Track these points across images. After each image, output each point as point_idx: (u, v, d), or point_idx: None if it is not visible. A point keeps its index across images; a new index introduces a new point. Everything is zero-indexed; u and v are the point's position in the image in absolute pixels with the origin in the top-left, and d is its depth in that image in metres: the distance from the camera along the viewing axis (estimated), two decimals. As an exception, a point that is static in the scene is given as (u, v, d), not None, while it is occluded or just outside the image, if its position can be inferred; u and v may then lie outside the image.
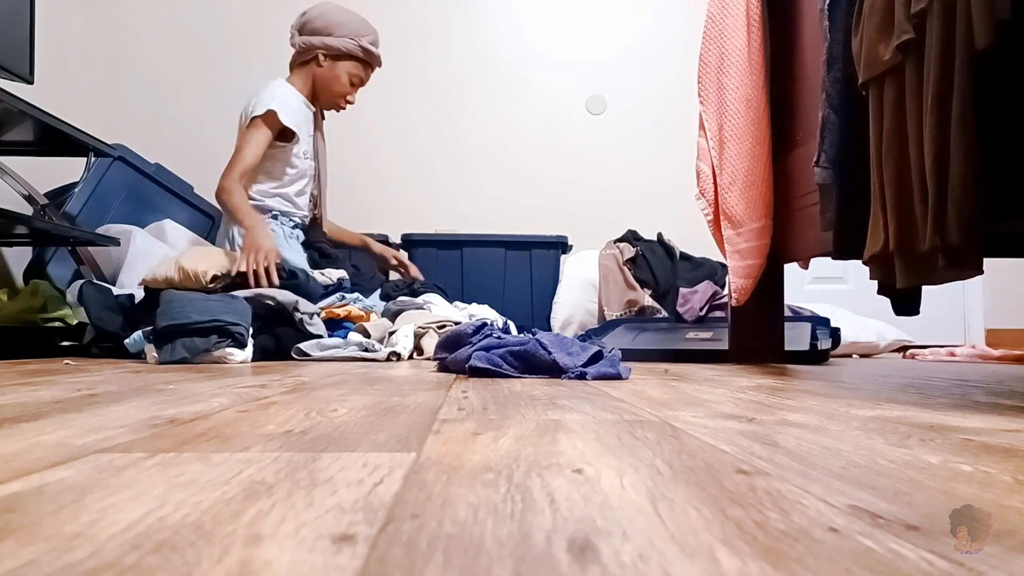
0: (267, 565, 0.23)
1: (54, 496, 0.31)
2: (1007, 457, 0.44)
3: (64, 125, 1.74)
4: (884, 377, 1.24)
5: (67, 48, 2.77)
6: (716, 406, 0.70)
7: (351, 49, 2.06)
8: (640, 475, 0.37)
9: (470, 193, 2.97)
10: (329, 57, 2.06)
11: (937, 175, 0.76)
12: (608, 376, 1.06)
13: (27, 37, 1.76)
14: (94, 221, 2.10)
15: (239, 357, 1.45)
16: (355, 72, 2.10)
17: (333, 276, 1.91)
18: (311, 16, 2.06)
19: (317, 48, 2.05)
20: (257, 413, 0.61)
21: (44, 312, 1.85)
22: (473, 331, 1.25)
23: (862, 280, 3.00)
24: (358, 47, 2.06)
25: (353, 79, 2.10)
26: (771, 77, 1.57)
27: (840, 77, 1.05)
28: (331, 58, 2.07)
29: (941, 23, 0.76)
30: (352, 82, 2.10)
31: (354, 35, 2.06)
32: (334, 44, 2.05)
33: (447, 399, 0.74)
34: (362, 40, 2.07)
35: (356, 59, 2.08)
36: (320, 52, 2.05)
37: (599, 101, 3.04)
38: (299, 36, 2.07)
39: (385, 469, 0.38)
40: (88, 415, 0.59)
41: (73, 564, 0.23)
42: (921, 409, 0.71)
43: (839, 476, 0.37)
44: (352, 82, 2.10)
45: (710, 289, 2.17)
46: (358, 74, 2.11)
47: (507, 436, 0.49)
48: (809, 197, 1.37)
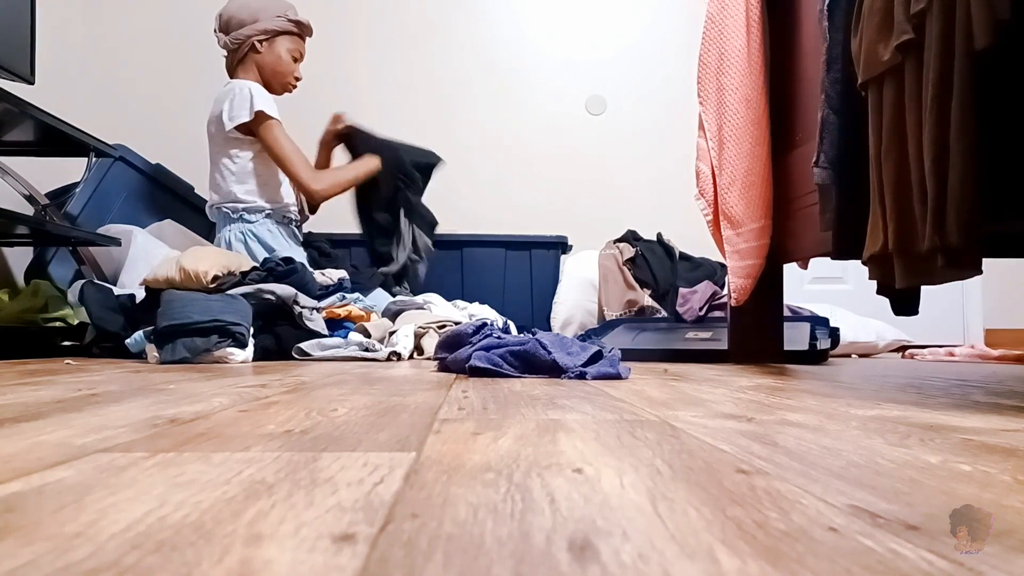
0: (267, 565, 0.23)
1: (54, 496, 0.31)
2: (1006, 457, 0.44)
3: (65, 125, 1.74)
4: (883, 377, 1.24)
5: (68, 48, 2.77)
6: (716, 406, 0.70)
7: (282, 26, 2.10)
8: (640, 475, 0.37)
9: (470, 193, 2.97)
10: (265, 41, 2.09)
11: (936, 175, 0.76)
12: (608, 376, 1.06)
13: (28, 37, 1.76)
14: (95, 221, 2.10)
15: (240, 357, 1.45)
16: (293, 47, 2.14)
17: (333, 276, 1.91)
18: (231, 13, 2.09)
19: (251, 37, 2.08)
20: (258, 413, 0.61)
21: (45, 312, 1.85)
22: (473, 331, 1.25)
23: (861, 280, 3.00)
24: (287, 21, 2.11)
25: (293, 54, 2.15)
26: (771, 77, 1.57)
27: (839, 77, 1.05)
28: (267, 41, 2.10)
29: (940, 23, 0.76)
30: (293, 57, 2.15)
31: (279, 13, 2.11)
32: (265, 27, 2.08)
33: (447, 399, 0.74)
34: (288, 13, 2.12)
35: (289, 33, 2.13)
36: (255, 39, 2.08)
37: (599, 101, 3.04)
38: (227, 35, 2.09)
39: (385, 469, 0.38)
40: (89, 415, 0.59)
41: (73, 564, 0.23)
42: (920, 409, 0.71)
43: (839, 476, 0.37)
44: (293, 57, 2.15)
45: (709, 289, 2.17)
46: (296, 48, 2.15)
47: (507, 436, 0.49)
48: (808, 197, 1.37)
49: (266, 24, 2.07)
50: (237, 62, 2.11)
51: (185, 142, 2.83)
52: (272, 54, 2.10)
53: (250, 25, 2.07)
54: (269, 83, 2.13)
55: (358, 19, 3.00)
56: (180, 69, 2.90)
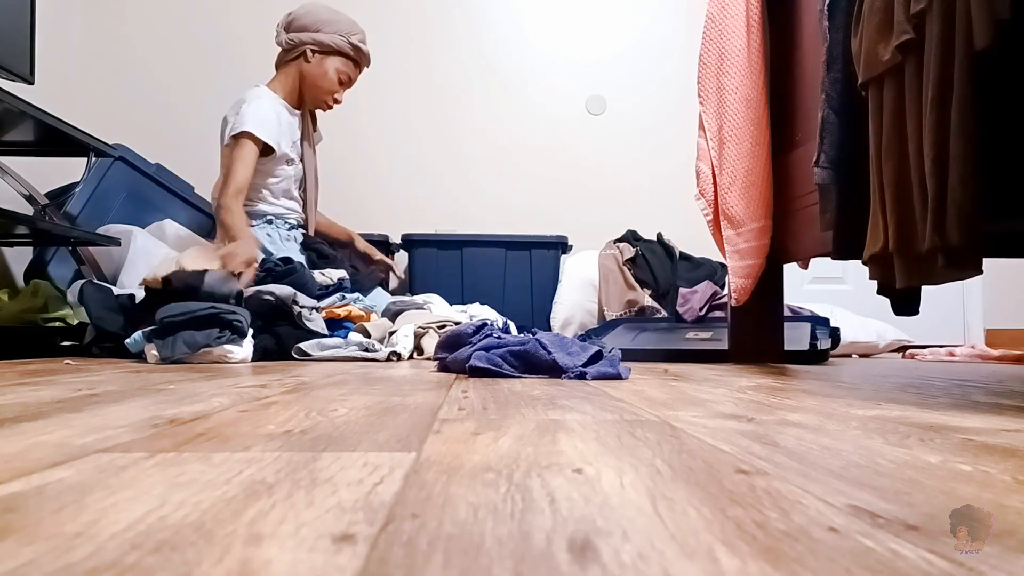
0: (267, 565, 0.23)
1: (54, 496, 0.31)
2: (1006, 457, 0.44)
3: (64, 125, 1.74)
4: (883, 377, 1.24)
5: (67, 48, 2.77)
6: (716, 406, 0.70)
7: (340, 45, 2.06)
8: (640, 475, 0.37)
9: (470, 193, 2.97)
10: (318, 53, 2.06)
11: (936, 175, 0.76)
12: (608, 376, 1.06)
13: (27, 37, 1.76)
14: (95, 221, 2.10)
15: (239, 356, 1.45)
16: (343, 69, 2.09)
17: (333, 276, 1.91)
18: (299, 14, 2.07)
19: (306, 44, 2.05)
20: (257, 413, 0.61)
21: (45, 312, 1.85)
22: (473, 331, 1.25)
23: (862, 280, 3.00)
24: (347, 43, 2.07)
25: (341, 76, 2.10)
26: (771, 77, 1.57)
27: (840, 77, 1.05)
28: (320, 54, 2.07)
29: (940, 23, 0.76)
30: (340, 79, 2.10)
31: (343, 32, 2.07)
32: (323, 39, 2.05)
33: (447, 399, 0.74)
34: (352, 37, 2.08)
35: (345, 55, 2.09)
36: (309, 48, 2.05)
37: (599, 101, 3.04)
38: (286, 33, 2.07)
39: (385, 469, 0.38)
40: (88, 415, 0.59)
41: (73, 564, 0.23)
42: (921, 409, 0.71)
43: (839, 476, 0.37)
44: (340, 79, 2.10)
45: (710, 289, 2.17)
46: (347, 71, 2.10)
47: (507, 436, 0.49)
48: (809, 197, 1.37)
49: (325, 38, 2.04)
50: (285, 62, 2.10)
51: (185, 142, 2.83)
52: (320, 68, 2.07)
53: (310, 32, 2.04)
54: (304, 93, 2.10)
55: (357, 19, 3.00)
56: (180, 69, 2.90)
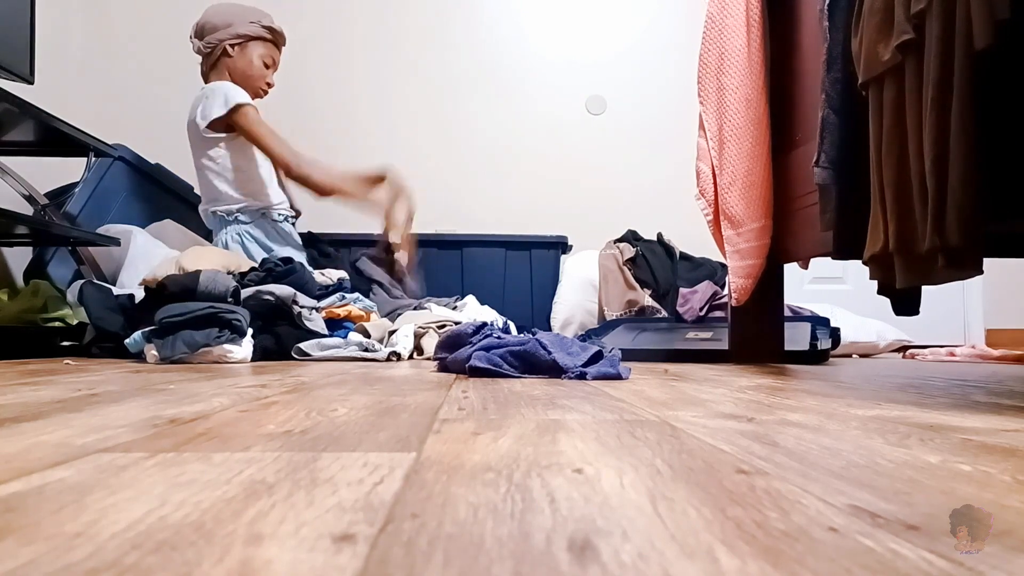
0: (267, 565, 0.23)
1: (54, 496, 0.31)
2: (1006, 457, 0.44)
3: (64, 125, 1.74)
4: (884, 377, 1.24)
5: (67, 48, 2.77)
6: (716, 406, 0.70)
7: (255, 31, 2.12)
8: (640, 475, 0.37)
9: (470, 193, 2.97)
10: (237, 45, 2.11)
11: (937, 175, 0.76)
12: (608, 376, 1.06)
13: (27, 37, 1.76)
14: (94, 221, 2.10)
15: (238, 355, 1.45)
16: (265, 53, 2.16)
17: (333, 276, 1.91)
18: (207, 19, 2.12)
19: (224, 41, 2.10)
20: (257, 413, 0.61)
21: (44, 312, 1.85)
22: (473, 331, 1.25)
23: (862, 280, 3.00)
24: (260, 27, 2.13)
25: (265, 60, 2.16)
26: (771, 77, 1.57)
27: (840, 77, 1.05)
28: (239, 46, 2.11)
29: (940, 23, 0.76)
30: (265, 63, 2.16)
31: (253, 19, 2.13)
32: (238, 31, 2.10)
33: (447, 399, 0.74)
34: (262, 20, 2.14)
35: (263, 39, 2.14)
36: (227, 44, 2.10)
37: (599, 101, 3.04)
38: (200, 40, 2.12)
39: (385, 469, 0.38)
40: (88, 415, 0.59)
41: (73, 564, 0.23)
42: (920, 409, 0.71)
43: (839, 476, 0.37)
44: (265, 63, 2.16)
45: (710, 289, 2.17)
46: (268, 54, 2.16)
47: (507, 436, 0.49)
48: (809, 197, 1.37)
49: (239, 29, 2.10)
50: (210, 67, 2.14)
51: (185, 142, 2.81)
52: (244, 59, 2.12)
53: (223, 30, 2.10)
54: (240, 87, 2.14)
55: (357, 19, 3.00)
56: (180, 69, 2.89)
